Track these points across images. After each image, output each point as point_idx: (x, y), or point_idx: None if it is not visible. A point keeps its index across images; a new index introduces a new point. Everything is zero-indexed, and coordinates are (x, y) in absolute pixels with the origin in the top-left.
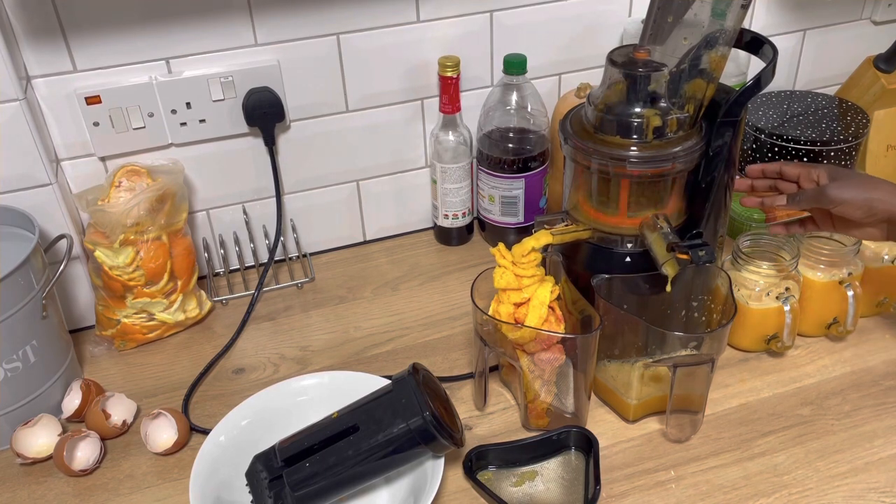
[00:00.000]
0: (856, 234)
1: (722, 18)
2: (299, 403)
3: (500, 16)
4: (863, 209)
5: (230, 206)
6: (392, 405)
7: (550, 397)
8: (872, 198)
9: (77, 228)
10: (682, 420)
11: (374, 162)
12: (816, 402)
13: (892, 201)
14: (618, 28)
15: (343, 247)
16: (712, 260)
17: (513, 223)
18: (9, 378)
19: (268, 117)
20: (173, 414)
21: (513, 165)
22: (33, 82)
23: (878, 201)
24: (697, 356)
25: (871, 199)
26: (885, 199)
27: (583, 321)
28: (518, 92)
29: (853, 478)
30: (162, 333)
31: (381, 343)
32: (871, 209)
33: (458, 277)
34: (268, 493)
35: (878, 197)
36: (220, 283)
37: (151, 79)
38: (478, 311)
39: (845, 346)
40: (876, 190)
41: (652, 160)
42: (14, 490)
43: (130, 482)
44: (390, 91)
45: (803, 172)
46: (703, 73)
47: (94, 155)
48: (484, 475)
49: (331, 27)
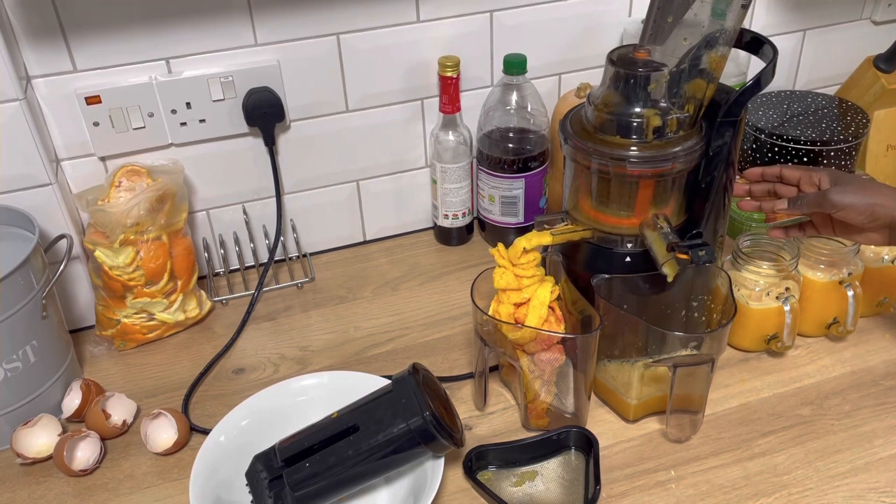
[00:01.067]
0: (857, 239)
1: (722, 18)
2: (299, 403)
3: (500, 16)
4: (865, 214)
5: (230, 206)
6: (392, 405)
7: (550, 397)
8: (875, 203)
9: (77, 228)
10: (682, 420)
11: (373, 162)
12: (816, 402)
13: (894, 206)
14: (618, 28)
15: (343, 247)
16: (712, 260)
17: (513, 223)
18: (9, 378)
19: (268, 117)
20: (173, 414)
21: (513, 165)
22: (33, 82)
23: (880, 206)
24: (697, 356)
25: (874, 203)
26: (887, 205)
27: (583, 321)
28: (518, 92)
29: (853, 478)
30: (162, 333)
31: (381, 343)
32: (874, 214)
33: (458, 277)
34: (268, 493)
35: (881, 202)
36: (220, 283)
37: (151, 79)
38: (478, 311)
39: (845, 346)
40: (878, 195)
41: (652, 160)
42: (14, 490)
43: (130, 482)
44: (390, 91)
45: (804, 176)
46: (703, 73)
47: (94, 155)
48: (484, 475)
49: (331, 27)
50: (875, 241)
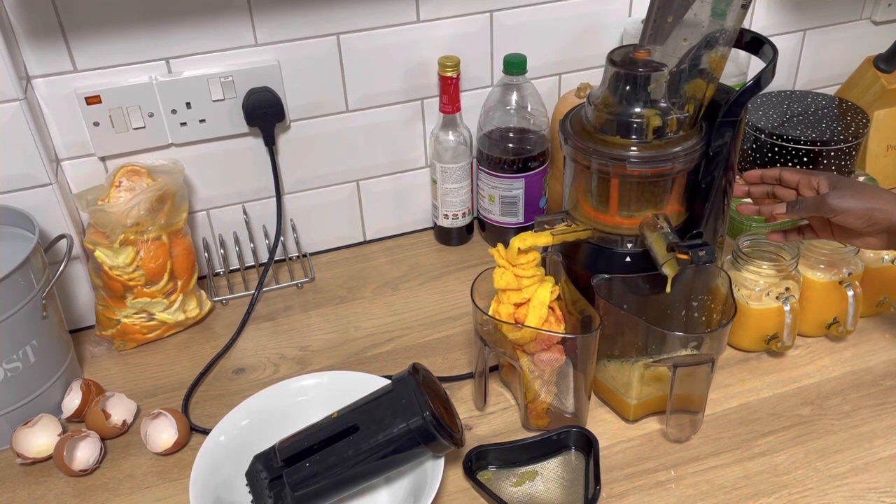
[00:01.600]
0: (855, 243)
1: (722, 18)
2: (299, 403)
3: (500, 16)
4: (863, 219)
5: (230, 206)
6: (392, 405)
7: (550, 397)
8: (873, 207)
9: (77, 228)
10: (682, 420)
11: (373, 162)
12: (816, 402)
13: (893, 211)
14: (618, 28)
15: (343, 247)
16: (712, 260)
17: (513, 223)
18: (9, 378)
19: (268, 117)
20: (173, 414)
21: (513, 165)
22: (33, 82)
23: (878, 211)
24: (697, 356)
25: (872, 208)
26: (885, 209)
27: (583, 321)
28: (518, 92)
29: (853, 478)
30: (162, 333)
31: (381, 343)
32: (872, 219)
33: (458, 277)
34: (268, 493)
35: (879, 207)
36: (220, 283)
37: (151, 79)
38: (478, 311)
39: (845, 346)
40: (876, 199)
41: (652, 160)
42: (14, 490)
43: (130, 482)
44: (390, 91)
45: (803, 179)
46: (703, 73)
47: (94, 155)
48: (484, 475)
49: (331, 27)
50: (874, 245)
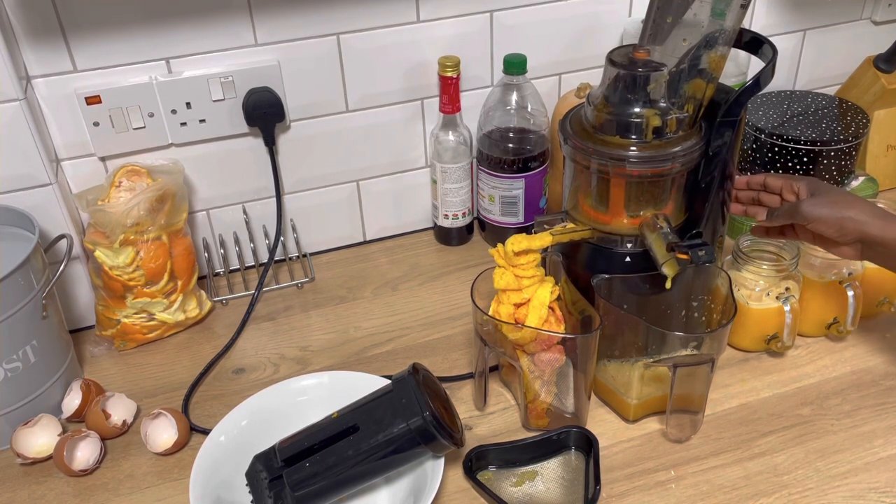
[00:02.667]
0: (834, 252)
1: (721, 18)
2: (299, 403)
3: (500, 16)
4: (834, 227)
5: (230, 206)
6: (392, 405)
7: (550, 397)
8: (844, 216)
9: (77, 228)
10: (682, 420)
11: (373, 162)
12: (816, 402)
13: (864, 220)
14: (618, 28)
15: (343, 247)
16: (712, 260)
17: (513, 223)
18: (9, 378)
19: (268, 117)
20: (173, 414)
21: (513, 165)
22: (33, 82)
23: (848, 220)
24: (697, 356)
25: (843, 217)
26: (856, 219)
27: (583, 321)
28: (518, 92)
29: (853, 478)
30: (162, 333)
31: (381, 343)
32: (843, 228)
33: (458, 277)
34: (268, 493)
35: (850, 216)
36: (220, 283)
37: (151, 79)
38: (478, 311)
39: (845, 346)
40: (849, 209)
41: (652, 160)
42: (14, 490)
43: (130, 482)
44: (390, 91)
45: (785, 185)
46: (702, 73)
47: (94, 155)
48: (484, 475)
49: (331, 27)
50: (848, 255)
